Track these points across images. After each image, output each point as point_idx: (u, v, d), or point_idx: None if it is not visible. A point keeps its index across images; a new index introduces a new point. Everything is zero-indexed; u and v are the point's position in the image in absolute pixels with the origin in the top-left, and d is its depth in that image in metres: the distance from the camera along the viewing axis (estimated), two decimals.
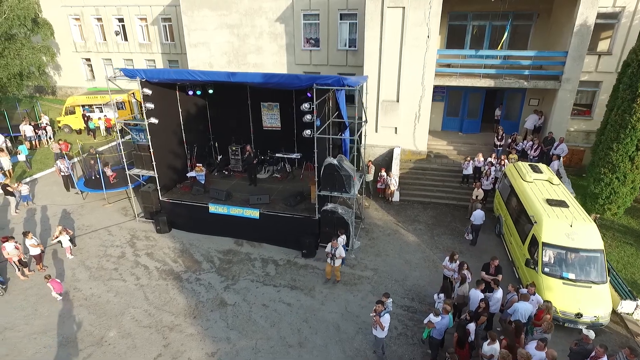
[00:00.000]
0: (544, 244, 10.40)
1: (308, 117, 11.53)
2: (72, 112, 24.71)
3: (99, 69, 32.53)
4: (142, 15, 29.69)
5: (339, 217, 12.90)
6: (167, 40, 29.96)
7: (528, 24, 18.85)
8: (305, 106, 11.37)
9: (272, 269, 12.43)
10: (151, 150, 13.70)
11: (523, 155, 16.52)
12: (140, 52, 30.83)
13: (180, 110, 14.98)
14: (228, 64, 23.95)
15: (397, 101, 17.27)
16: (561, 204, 11.44)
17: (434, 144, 18.81)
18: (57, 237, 12.89)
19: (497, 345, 7.89)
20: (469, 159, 16.28)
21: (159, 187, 14.25)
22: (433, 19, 15.67)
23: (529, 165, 13.73)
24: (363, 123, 13.89)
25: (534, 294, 9.26)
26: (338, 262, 11.32)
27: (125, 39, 30.82)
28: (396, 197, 16.42)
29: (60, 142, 19.64)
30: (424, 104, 17.04)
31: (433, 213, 15.68)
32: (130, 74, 12.65)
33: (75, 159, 18.75)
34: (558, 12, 17.08)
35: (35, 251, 12.05)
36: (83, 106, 24.76)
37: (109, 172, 17.26)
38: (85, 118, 24.35)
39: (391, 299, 9.06)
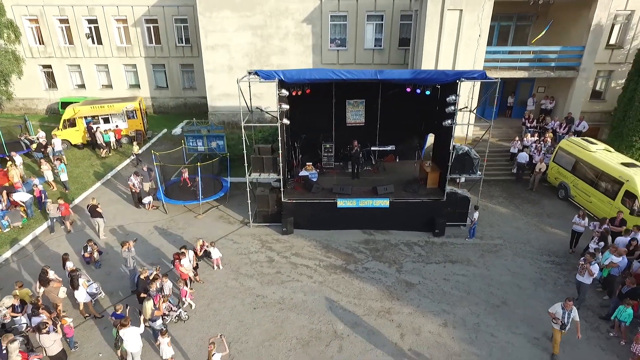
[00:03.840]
0: None
1: (452, 108, 12.91)
2: (73, 125, 21.97)
3: (64, 76, 28.94)
4: (120, 16, 27.37)
5: (462, 196, 14.55)
6: (152, 43, 28.07)
7: (527, 24, 22.50)
8: (452, 98, 12.73)
9: (420, 250, 13.57)
10: (280, 152, 13.66)
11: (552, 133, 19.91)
12: (119, 56, 28.43)
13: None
14: (250, 66, 23.66)
15: None
16: (634, 165, 14.65)
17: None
18: (202, 250, 12.30)
19: None
20: (517, 139, 19.11)
21: (282, 189, 14.23)
22: (484, 20, 18.07)
23: (582, 139, 16.92)
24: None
25: None
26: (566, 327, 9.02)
27: (99, 43, 27.98)
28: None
29: (60, 202, 13.98)
30: (473, 95, 19.36)
31: (499, 188, 18.11)
32: (266, 75, 12.54)
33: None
34: (561, 13, 20.73)
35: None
36: (86, 117, 22.17)
37: (185, 175, 16.52)
38: (93, 130, 21.85)
39: (605, 257, 10.94)
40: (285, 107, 13.04)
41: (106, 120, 22.70)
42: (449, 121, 13.16)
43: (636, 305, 9.65)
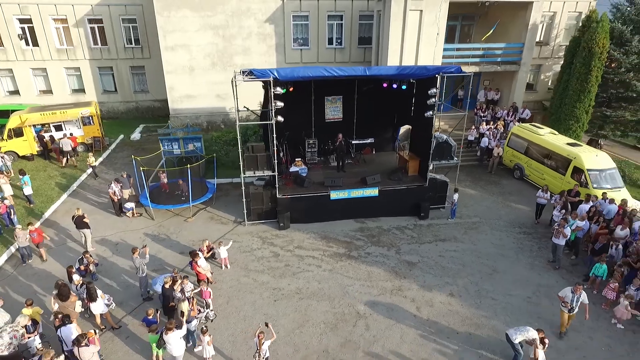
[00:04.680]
0: (588, 170, 15.64)
1: (433, 100, 14.10)
2: (20, 134, 20.12)
3: None
4: (60, 16, 25.58)
5: (441, 181, 15.92)
6: (97, 45, 26.47)
7: (471, 24, 24.83)
8: (434, 91, 13.92)
9: (411, 233, 14.65)
10: (274, 149, 13.91)
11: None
12: (59, 59, 26.52)
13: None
14: (212, 67, 23.39)
15: None
16: (577, 145, 17.04)
17: None
18: (210, 251, 12.25)
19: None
20: (473, 128, 21.08)
21: (277, 186, 14.49)
22: (442, 20, 19.72)
23: (531, 124, 19.22)
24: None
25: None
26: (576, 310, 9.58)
27: (35, 44, 25.76)
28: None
29: (31, 227, 12.63)
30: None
31: (464, 173, 19.81)
32: (261, 73, 12.76)
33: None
34: (501, 14, 23.12)
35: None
36: (35, 126, 20.42)
37: (164, 180, 16.10)
38: (45, 139, 20.19)
39: (571, 222, 12.63)
40: (280, 104, 13.31)
41: (58, 128, 21.08)
42: (430, 112, 14.35)
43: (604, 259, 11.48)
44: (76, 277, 10.21)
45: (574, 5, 23.80)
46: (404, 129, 18.94)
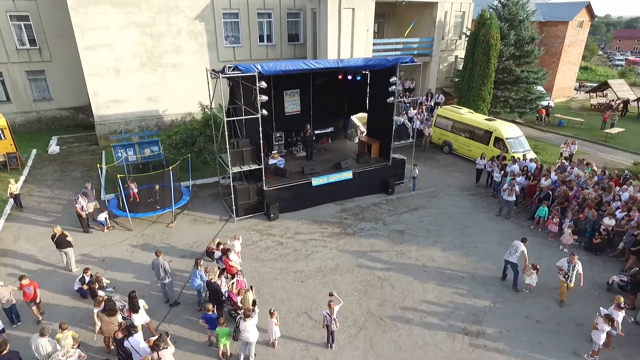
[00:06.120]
0: (507, 138, 19.36)
1: (393, 87, 15.92)
2: None
3: None
4: None
5: (400, 159, 18.00)
6: None
7: (383, 21, 27.76)
8: (394, 79, 15.73)
9: (387, 207, 16.37)
10: (261, 142, 14.17)
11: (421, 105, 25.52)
12: None
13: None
14: (141, 67, 21.91)
15: None
16: (492, 119, 20.80)
17: None
18: (220, 249, 12.15)
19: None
20: (403, 112, 23.84)
21: (264, 179, 14.77)
22: (370, 17, 21.85)
23: (452, 106, 22.64)
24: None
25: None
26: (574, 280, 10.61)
27: None
28: None
29: (24, 282, 9.63)
30: None
31: (403, 152, 22.10)
32: (246, 68, 12.96)
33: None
34: (409, 12, 26.39)
35: None
36: None
37: (135, 189, 15.07)
38: None
39: (517, 180, 15.54)
40: (265, 98, 13.64)
41: None
42: (392, 98, 16.17)
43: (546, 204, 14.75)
44: (101, 293, 9.39)
45: (459, 6, 28.32)
46: (353, 117, 20.57)
